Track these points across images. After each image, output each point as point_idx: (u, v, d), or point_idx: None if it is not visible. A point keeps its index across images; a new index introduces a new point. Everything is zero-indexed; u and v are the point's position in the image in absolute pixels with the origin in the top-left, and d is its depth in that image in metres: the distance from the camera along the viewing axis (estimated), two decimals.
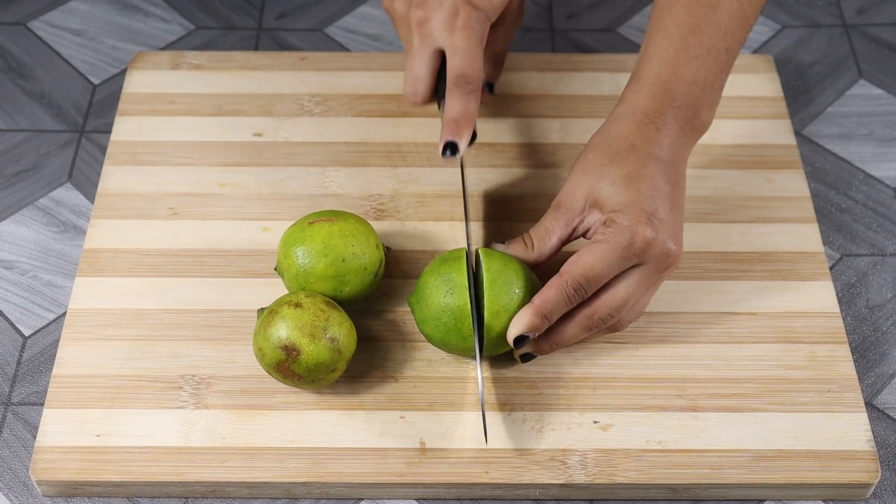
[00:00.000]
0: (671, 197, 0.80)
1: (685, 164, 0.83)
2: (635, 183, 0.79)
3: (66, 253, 0.94)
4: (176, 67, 1.04)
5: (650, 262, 0.78)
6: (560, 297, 0.78)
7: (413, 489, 0.80)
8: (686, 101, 0.81)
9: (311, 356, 0.78)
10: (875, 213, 0.97)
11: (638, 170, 0.80)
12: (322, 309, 0.80)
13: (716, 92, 0.83)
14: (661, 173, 0.80)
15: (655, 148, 0.81)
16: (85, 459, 0.80)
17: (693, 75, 0.81)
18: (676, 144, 0.82)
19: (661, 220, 0.78)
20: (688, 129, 0.82)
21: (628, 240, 0.77)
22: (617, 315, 0.79)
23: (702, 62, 0.81)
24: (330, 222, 0.84)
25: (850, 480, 0.79)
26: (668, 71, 0.82)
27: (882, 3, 1.15)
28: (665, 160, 0.81)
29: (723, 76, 0.83)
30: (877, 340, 0.89)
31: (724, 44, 0.82)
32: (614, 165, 0.80)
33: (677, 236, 0.80)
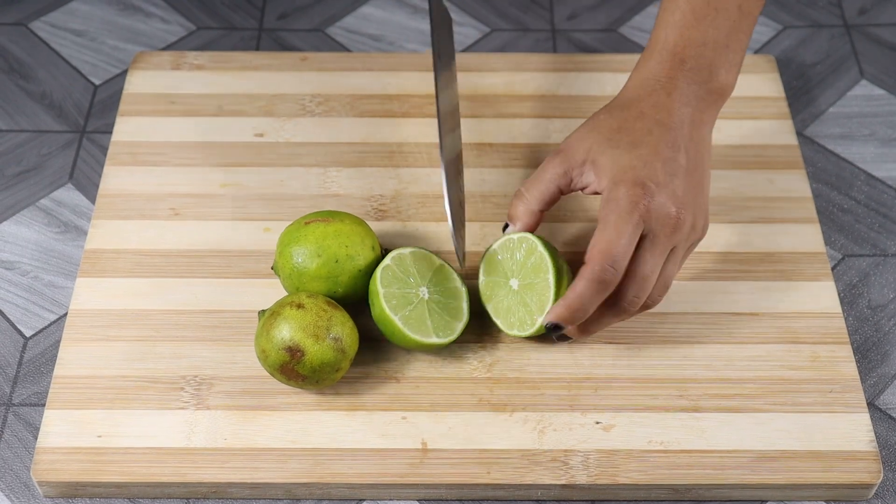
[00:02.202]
0: (674, 161, 0.79)
1: (703, 127, 0.81)
2: (636, 149, 0.79)
3: (68, 253, 0.94)
4: (177, 68, 1.04)
5: (655, 227, 0.78)
6: (591, 286, 0.77)
7: (415, 490, 0.80)
8: (698, 64, 0.81)
9: (315, 356, 0.78)
10: (877, 214, 0.97)
11: (641, 137, 0.79)
12: (324, 309, 0.80)
13: (732, 52, 0.81)
14: (665, 140, 0.79)
15: (664, 114, 0.80)
16: (86, 460, 0.79)
17: (702, 36, 0.80)
18: (689, 108, 0.81)
19: (659, 184, 0.78)
20: (703, 93, 0.81)
21: (631, 205, 0.77)
22: (643, 294, 0.78)
23: (711, 22, 0.80)
24: (325, 223, 0.84)
25: (852, 481, 0.79)
26: (675, 34, 0.81)
27: (884, 4, 1.15)
28: (673, 126, 0.80)
29: (739, 35, 0.81)
30: (879, 341, 0.89)
31: (735, 2, 0.81)
32: (621, 132, 0.80)
33: (680, 199, 0.78)
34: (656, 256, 0.78)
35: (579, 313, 0.78)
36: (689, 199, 0.79)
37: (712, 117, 0.82)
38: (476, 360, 0.85)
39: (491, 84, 1.03)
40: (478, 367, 0.84)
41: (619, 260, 0.77)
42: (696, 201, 0.80)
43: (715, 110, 0.82)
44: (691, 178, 0.79)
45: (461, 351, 0.85)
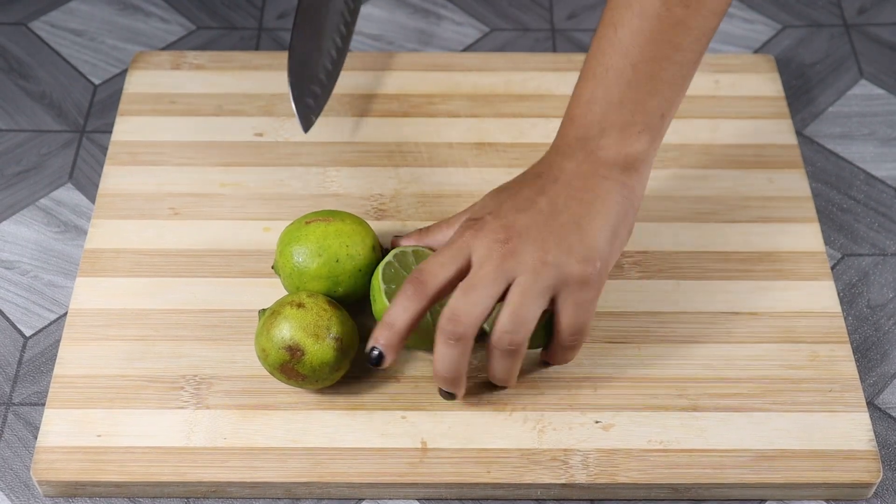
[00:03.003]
0: (528, 201, 0.77)
1: (597, 181, 0.77)
2: (498, 194, 0.79)
3: (67, 253, 0.94)
4: (177, 67, 1.04)
5: (481, 253, 0.75)
6: (397, 298, 0.76)
7: (414, 489, 0.80)
8: (585, 121, 0.78)
9: (315, 356, 0.78)
10: (876, 213, 0.97)
11: (510, 185, 0.80)
12: (325, 308, 0.80)
13: (628, 112, 0.77)
14: (529, 183, 0.78)
15: (543, 167, 0.79)
16: (86, 460, 0.79)
17: (590, 94, 0.78)
18: (567, 160, 0.78)
19: (497, 216, 0.76)
20: (594, 148, 0.78)
21: (457, 234, 0.77)
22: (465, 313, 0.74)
23: (599, 81, 0.78)
24: (326, 222, 0.84)
25: (851, 480, 0.79)
26: (572, 97, 0.80)
27: (883, 3, 1.15)
28: (545, 174, 0.78)
29: (636, 95, 0.77)
30: (878, 340, 0.89)
31: (627, 61, 0.77)
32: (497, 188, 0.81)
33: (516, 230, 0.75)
34: (478, 277, 0.74)
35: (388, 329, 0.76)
36: (532, 232, 0.75)
37: (613, 174, 0.78)
38: (475, 359, 0.84)
39: (491, 84, 1.03)
40: (477, 367, 0.84)
41: (426, 275, 0.75)
42: (553, 238, 0.75)
43: (612, 168, 0.78)
44: (552, 218, 0.76)
45: None
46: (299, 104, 0.87)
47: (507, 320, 0.75)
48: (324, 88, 0.95)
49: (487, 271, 0.75)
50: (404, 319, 0.76)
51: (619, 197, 0.77)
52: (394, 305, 0.76)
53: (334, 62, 0.95)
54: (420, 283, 0.75)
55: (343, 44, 0.98)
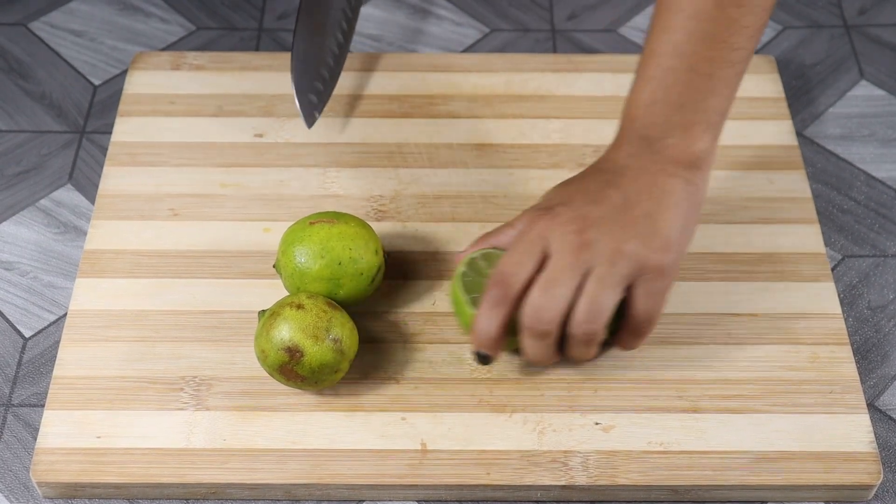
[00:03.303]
0: (598, 192, 0.78)
1: (663, 178, 0.78)
2: (565, 187, 0.80)
3: (67, 254, 0.94)
4: (177, 68, 1.04)
5: (556, 245, 0.76)
6: (484, 304, 0.77)
7: (414, 491, 0.80)
8: (647, 122, 0.79)
9: (314, 357, 0.78)
10: (877, 215, 0.97)
11: (576, 178, 0.81)
12: (324, 310, 0.80)
13: (690, 112, 0.78)
14: (596, 176, 0.79)
15: (608, 163, 0.80)
16: (85, 461, 0.79)
17: (650, 96, 0.79)
18: (634, 159, 0.79)
19: (569, 206, 0.77)
20: (659, 147, 0.79)
21: (528, 226, 0.78)
22: (546, 311, 0.75)
23: (658, 83, 0.79)
24: (330, 224, 0.84)
25: (851, 482, 0.79)
26: (630, 97, 0.81)
27: (883, 4, 1.15)
28: (611, 170, 0.79)
29: (696, 95, 0.78)
30: (879, 342, 0.89)
31: (685, 63, 0.78)
32: (561, 183, 0.82)
33: (590, 221, 0.76)
34: (556, 270, 0.76)
35: (483, 335, 0.77)
36: (607, 223, 0.76)
37: (679, 171, 0.78)
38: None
39: (491, 84, 1.03)
40: (477, 368, 0.84)
41: (508, 276, 0.76)
42: (628, 230, 0.76)
43: (677, 167, 0.78)
44: (625, 210, 0.77)
45: (460, 351, 0.85)
46: (302, 100, 0.89)
47: (585, 310, 0.76)
48: (326, 85, 0.96)
49: (566, 264, 0.76)
50: (497, 325, 0.77)
51: (686, 194, 0.79)
52: (482, 313, 0.77)
53: (336, 59, 0.96)
54: (503, 286, 0.77)
55: (345, 40, 0.98)
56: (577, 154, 0.98)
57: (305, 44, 0.88)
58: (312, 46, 0.88)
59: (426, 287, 0.89)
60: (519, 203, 0.94)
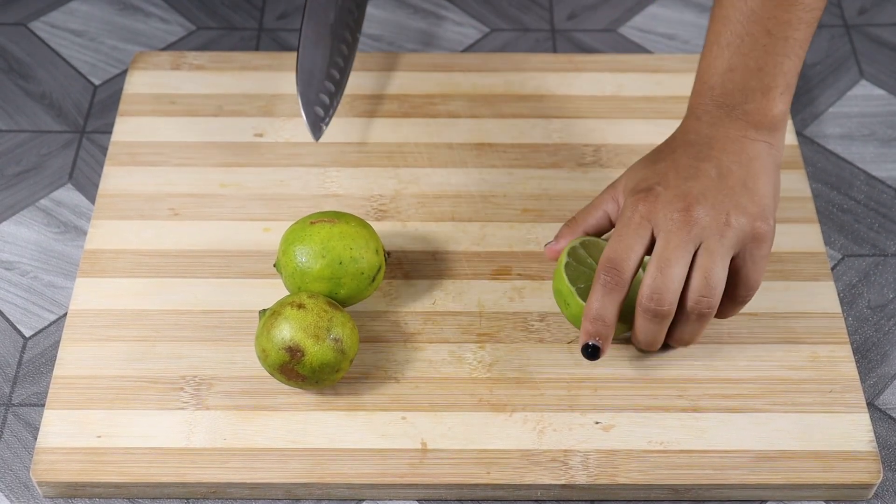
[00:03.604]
0: (692, 168, 0.79)
1: (747, 143, 0.80)
2: (655, 165, 0.81)
3: (67, 254, 0.94)
4: (177, 68, 1.04)
5: (663, 224, 0.78)
6: (597, 292, 0.78)
7: (414, 490, 0.80)
8: (725, 89, 0.81)
9: (315, 357, 0.78)
10: (877, 214, 0.97)
11: (665, 156, 0.81)
12: (325, 310, 0.80)
13: (767, 76, 0.80)
14: (685, 151, 0.81)
15: (691, 135, 0.81)
16: (86, 460, 0.79)
17: (727, 63, 0.81)
18: (722, 129, 0.81)
19: (668, 186, 0.79)
20: (739, 114, 0.81)
21: (632, 209, 0.79)
22: (664, 287, 0.76)
23: (735, 49, 0.80)
24: (331, 224, 0.84)
25: (851, 481, 0.79)
26: (704, 65, 0.82)
27: (883, 4, 1.15)
28: (698, 142, 0.81)
29: (774, 58, 0.80)
30: (878, 341, 0.89)
31: (762, 27, 0.80)
32: (652, 157, 0.82)
33: (693, 196, 0.78)
34: (669, 249, 0.77)
35: (599, 323, 0.78)
36: (709, 197, 0.78)
37: (761, 136, 0.81)
38: (475, 360, 0.85)
39: (491, 84, 1.03)
40: (477, 368, 0.84)
41: (619, 262, 0.78)
42: (728, 201, 0.78)
43: (759, 131, 0.81)
44: (719, 181, 0.79)
45: (460, 351, 0.85)
46: (308, 113, 0.90)
47: (701, 285, 0.77)
48: (332, 96, 0.95)
49: (677, 243, 0.77)
50: (612, 311, 0.78)
51: (771, 158, 0.81)
52: (595, 299, 0.78)
53: (342, 70, 0.96)
54: (615, 272, 0.78)
55: (350, 51, 0.98)
56: (576, 154, 0.98)
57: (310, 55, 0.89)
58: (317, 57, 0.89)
59: (426, 287, 0.89)
60: (519, 203, 0.94)
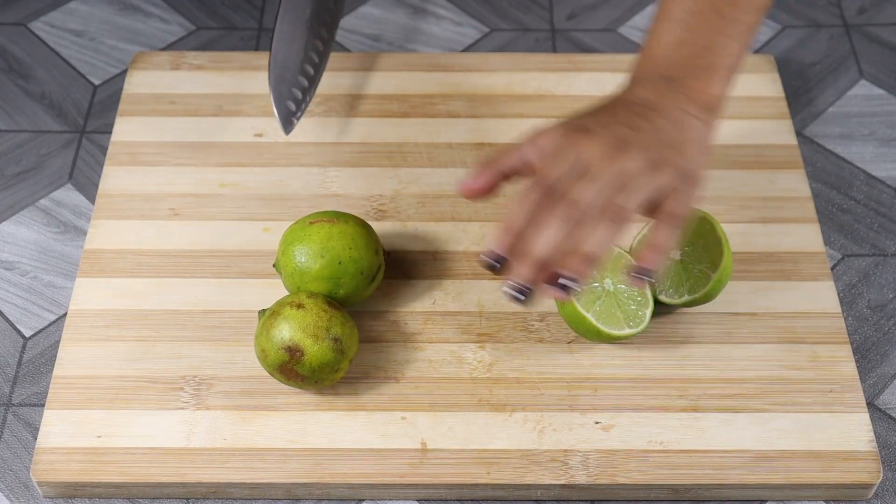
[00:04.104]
0: (630, 121, 0.77)
1: (682, 115, 0.78)
2: (588, 114, 0.78)
3: (67, 253, 0.94)
4: (176, 68, 1.04)
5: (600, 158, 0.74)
6: (517, 200, 0.74)
7: (415, 490, 0.80)
8: (672, 62, 0.80)
9: (314, 357, 0.78)
10: (876, 214, 0.97)
11: (597, 107, 0.79)
12: (324, 309, 0.80)
13: (715, 55, 0.79)
14: (624, 107, 0.78)
15: (631, 97, 0.79)
16: (86, 460, 0.79)
17: (676, 38, 0.80)
18: (659, 96, 0.79)
19: (607, 127, 0.76)
20: (679, 87, 0.79)
21: (563, 139, 0.75)
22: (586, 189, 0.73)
23: (685, 26, 0.80)
24: (331, 223, 0.84)
25: (851, 481, 0.79)
26: (652, 38, 0.81)
27: (883, 3, 1.15)
28: (638, 103, 0.79)
29: (722, 39, 0.79)
30: (878, 341, 0.89)
31: (712, 7, 0.79)
32: (585, 110, 0.79)
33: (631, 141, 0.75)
34: (595, 157, 0.74)
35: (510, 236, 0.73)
36: (644, 144, 0.75)
37: (699, 113, 0.79)
38: (475, 360, 0.85)
39: (491, 84, 1.03)
40: (477, 368, 0.84)
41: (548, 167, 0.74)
42: (660, 151, 0.75)
43: (698, 108, 0.79)
44: (656, 137, 0.76)
45: (461, 351, 0.85)
46: (280, 107, 0.91)
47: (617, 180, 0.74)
48: (305, 92, 0.96)
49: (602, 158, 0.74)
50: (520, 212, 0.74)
51: (705, 134, 0.80)
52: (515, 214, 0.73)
53: (316, 66, 0.96)
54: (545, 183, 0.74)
55: (325, 48, 0.98)
56: None
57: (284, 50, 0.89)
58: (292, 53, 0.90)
59: (426, 286, 0.89)
60: None
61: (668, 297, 0.85)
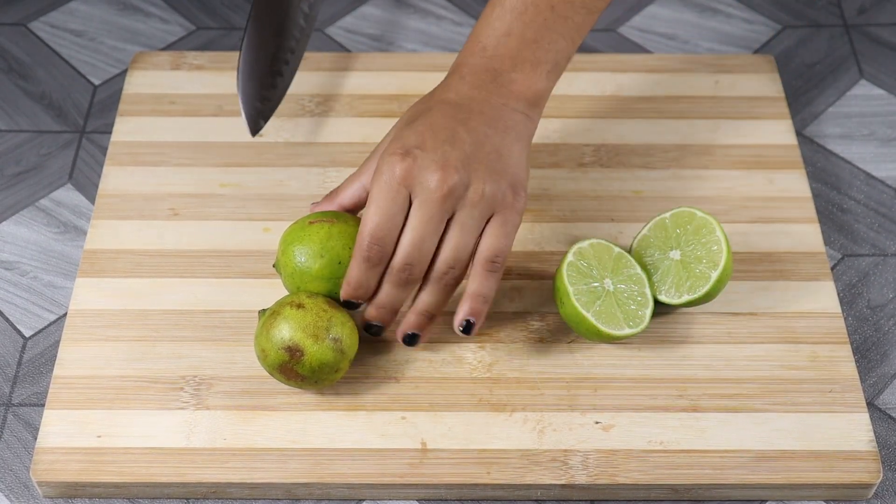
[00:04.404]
0: (448, 130, 0.78)
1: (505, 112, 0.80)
2: (411, 125, 0.79)
3: (67, 254, 0.94)
4: (176, 68, 1.04)
5: (419, 192, 0.77)
6: (359, 263, 0.78)
7: (415, 490, 0.80)
8: (499, 52, 0.80)
9: (314, 357, 0.78)
10: (876, 214, 0.97)
11: (420, 113, 0.80)
12: (324, 309, 0.80)
13: (542, 50, 0.80)
14: (443, 111, 0.79)
15: (449, 93, 0.80)
16: (86, 460, 0.79)
17: (506, 27, 0.80)
18: (484, 92, 0.80)
19: (425, 150, 0.77)
20: (504, 81, 0.80)
21: (387, 175, 0.77)
22: (416, 261, 0.78)
23: (517, 16, 0.80)
24: (330, 223, 0.84)
25: (851, 481, 0.79)
26: (482, 24, 0.81)
27: (883, 3, 1.15)
28: (455, 102, 0.80)
29: (551, 35, 0.80)
30: (878, 341, 0.89)
31: (548, 2, 0.80)
32: (408, 117, 0.81)
33: (451, 163, 0.77)
34: (424, 222, 0.77)
35: (360, 291, 0.79)
36: (466, 164, 0.77)
37: (520, 107, 0.80)
38: (475, 360, 0.85)
39: None
40: (477, 367, 0.84)
41: (383, 237, 0.77)
42: (482, 168, 0.78)
43: (520, 102, 0.80)
44: (475, 147, 0.78)
45: (461, 351, 0.85)
46: (247, 107, 0.92)
47: (451, 257, 0.78)
48: (274, 94, 0.96)
49: (431, 215, 0.77)
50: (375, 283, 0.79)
51: (525, 129, 0.81)
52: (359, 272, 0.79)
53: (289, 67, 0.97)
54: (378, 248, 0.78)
55: (297, 49, 0.98)
56: (576, 153, 0.98)
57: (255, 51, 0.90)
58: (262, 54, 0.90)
59: None
60: None
61: (668, 297, 0.85)
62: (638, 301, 0.84)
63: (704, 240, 0.85)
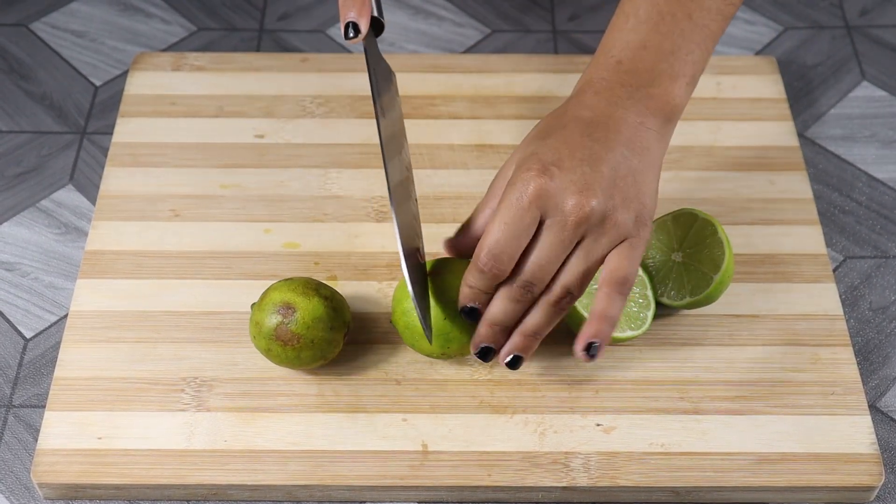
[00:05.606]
0: (586, 149, 0.74)
1: (641, 131, 0.76)
2: (546, 139, 0.76)
3: (68, 255, 0.94)
4: (177, 69, 1.04)
5: (552, 212, 0.73)
6: (472, 273, 0.75)
7: (415, 492, 0.79)
8: (635, 66, 0.77)
9: (307, 312, 0.79)
10: (878, 216, 0.97)
11: (554, 128, 0.76)
12: (310, 279, 0.82)
13: (678, 61, 0.77)
14: (580, 128, 0.75)
15: (584, 110, 0.76)
16: (86, 462, 0.79)
17: (642, 39, 0.77)
18: (620, 109, 0.76)
19: (562, 168, 0.73)
20: (642, 96, 0.76)
21: (520, 191, 0.73)
22: (540, 280, 0.74)
23: (653, 27, 0.76)
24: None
25: (853, 483, 0.79)
26: (614, 37, 0.78)
27: (885, 5, 1.15)
28: (591, 120, 0.76)
29: (689, 45, 0.77)
30: (880, 343, 0.89)
31: (684, 10, 0.77)
32: (542, 131, 0.77)
33: (587, 185, 0.73)
34: (555, 245, 0.74)
35: (475, 292, 0.76)
36: (603, 189, 0.74)
37: (656, 125, 0.77)
38: (476, 361, 0.84)
39: (492, 85, 1.03)
40: (478, 369, 0.84)
41: (503, 255, 0.74)
42: (618, 194, 0.74)
43: (656, 119, 0.77)
44: (612, 171, 0.74)
45: None
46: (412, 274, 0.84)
47: (571, 281, 0.75)
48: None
49: (561, 240, 0.74)
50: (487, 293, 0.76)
51: (659, 152, 0.77)
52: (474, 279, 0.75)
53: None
54: (496, 264, 0.74)
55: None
56: None
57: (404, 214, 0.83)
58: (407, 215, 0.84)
59: None
60: None
61: (669, 299, 0.85)
62: (639, 303, 0.83)
63: (706, 241, 0.84)
